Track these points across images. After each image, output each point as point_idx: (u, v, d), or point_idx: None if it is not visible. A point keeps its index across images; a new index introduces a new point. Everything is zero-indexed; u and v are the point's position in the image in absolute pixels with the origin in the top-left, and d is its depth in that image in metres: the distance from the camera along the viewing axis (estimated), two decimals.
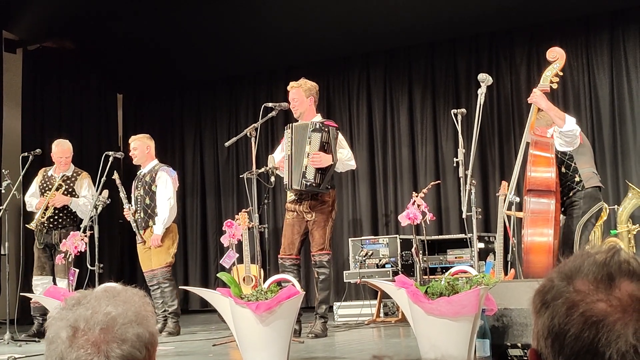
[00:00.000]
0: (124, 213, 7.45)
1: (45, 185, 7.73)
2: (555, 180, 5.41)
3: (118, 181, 7.37)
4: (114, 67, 11.00)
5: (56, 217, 7.64)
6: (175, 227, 7.49)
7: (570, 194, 5.63)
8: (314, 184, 6.23)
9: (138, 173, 7.55)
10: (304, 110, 6.53)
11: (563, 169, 5.64)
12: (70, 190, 7.72)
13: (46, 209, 7.56)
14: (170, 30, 9.73)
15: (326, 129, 6.31)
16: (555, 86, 5.58)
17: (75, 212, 7.71)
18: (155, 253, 7.26)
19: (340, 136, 6.57)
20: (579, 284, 1.07)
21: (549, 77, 5.53)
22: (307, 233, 6.51)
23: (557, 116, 5.49)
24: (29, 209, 7.72)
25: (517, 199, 5.78)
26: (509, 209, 5.78)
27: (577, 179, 5.61)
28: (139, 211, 7.36)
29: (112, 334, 1.25)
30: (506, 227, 5.98)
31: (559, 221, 5.59)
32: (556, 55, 5.58)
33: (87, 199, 7.68)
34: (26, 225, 7.57)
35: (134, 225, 7.35)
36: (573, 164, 5.63)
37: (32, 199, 7.70)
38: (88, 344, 1.24)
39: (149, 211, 7.29)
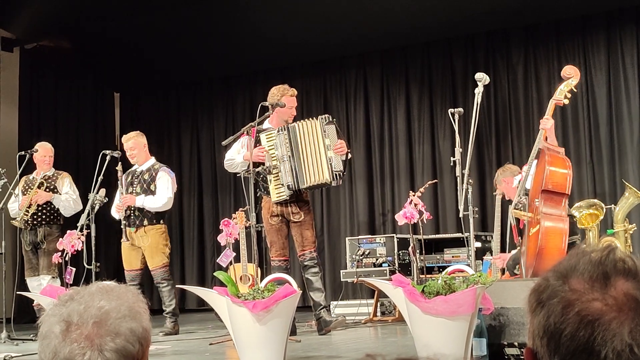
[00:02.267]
0: (120, 216, 7.30)
1: (27, 187, 7.74)
2: (570, 183, 5.44)
3: (120, 173, 7.32)
4: (110, 66, 10.99)
5: (39, 214, 7.64)
6: (166, 228, 7.42)
7: None
8: (343, 173, 6.31)
9: (133, 169, 7.39)
10: None
11: None
12: (52, 188, 7.74)
13: (29, 207, 7.56)
14: (167, 29, 9.72)
15: (334, 120, 6.44)
16: (567, 102, 5.63)
17: (57, 209, 7.72)
18: (150, 254, 7.23)
19: None
20: (574, 283, 1.07)
21: (564, 91, 5.58)
22: (289, 234, 6.55)
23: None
24: (12, 213, 7.67)
25: (525, 200, 5.79)
26: (517, 208, 5.79)
27: None
28: (133, 209, 7.27)
29: (106, 328, 1.25)
30: (512, 226, 5.99)
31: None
32: (572, 73, 5.64)
33: (69, 195, 7.68)
34: (11, 222, 7.58)
35: (123, 222, 7.26)
36: None
37: (15, 204, 7.65)
38: (81, 337, 1.24)
39: (145, 210, 7.26)
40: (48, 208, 7.69)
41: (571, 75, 5.65)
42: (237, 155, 6.51)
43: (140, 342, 1.27)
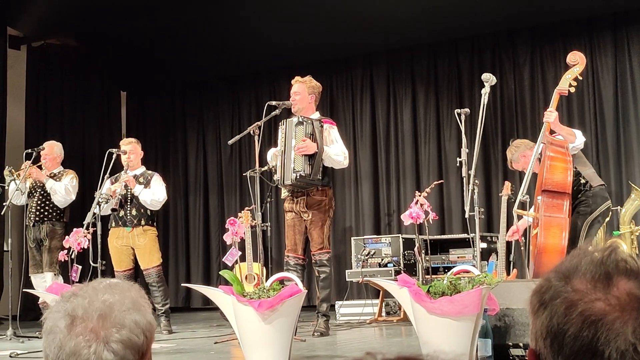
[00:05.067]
0: (110, 193, 7.13)
1: (35, 185, 7.73)
2: (570, 181, 5.41)
3: (125, 167, 7.33)
4: (117, 65, 11.01)
5: (42, 211, 7.64)
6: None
7: (579, 196, 5.63)
8: (303, 174, 6.13)
9: (125, 172, 7.36)
10: (303, 107, 6.45)
11: None
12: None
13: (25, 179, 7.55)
14: (174, 29, 9.74)
15: (309, 121, 6.26)
16: (573, 90, 5.59)
17: (59, 207, 7.69)
18: (146, 253, 7.25)
19: (335, 132, 6.49)
20: (576, 283, 1.07)
21: (569, 80, 5.55)
22: (304, 231, 6.51)
23: (568, 133, 5.57)
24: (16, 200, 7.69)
25: (528, 198, 5.78)
26: (521, 208, 5.78)
27: (582, 180, 5.63)
28: (129, 208, 7.28)
29: (111, 320, 1.26)
30: (516, 227, 5.99)
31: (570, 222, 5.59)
32: (577, 59, 5.60)
33: (64, 184, 7.64)
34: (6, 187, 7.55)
35: (115, 217, 7.23)
36: (575, 168, 5.65)
37: (23, 198, 7.65)
38: (87, 331, 1.25)
39: (142, 210, 7.27)
40: (52, 205, 7.69)
41: (576, 62, 5.61)
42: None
43: (145, 334, 1.28)
